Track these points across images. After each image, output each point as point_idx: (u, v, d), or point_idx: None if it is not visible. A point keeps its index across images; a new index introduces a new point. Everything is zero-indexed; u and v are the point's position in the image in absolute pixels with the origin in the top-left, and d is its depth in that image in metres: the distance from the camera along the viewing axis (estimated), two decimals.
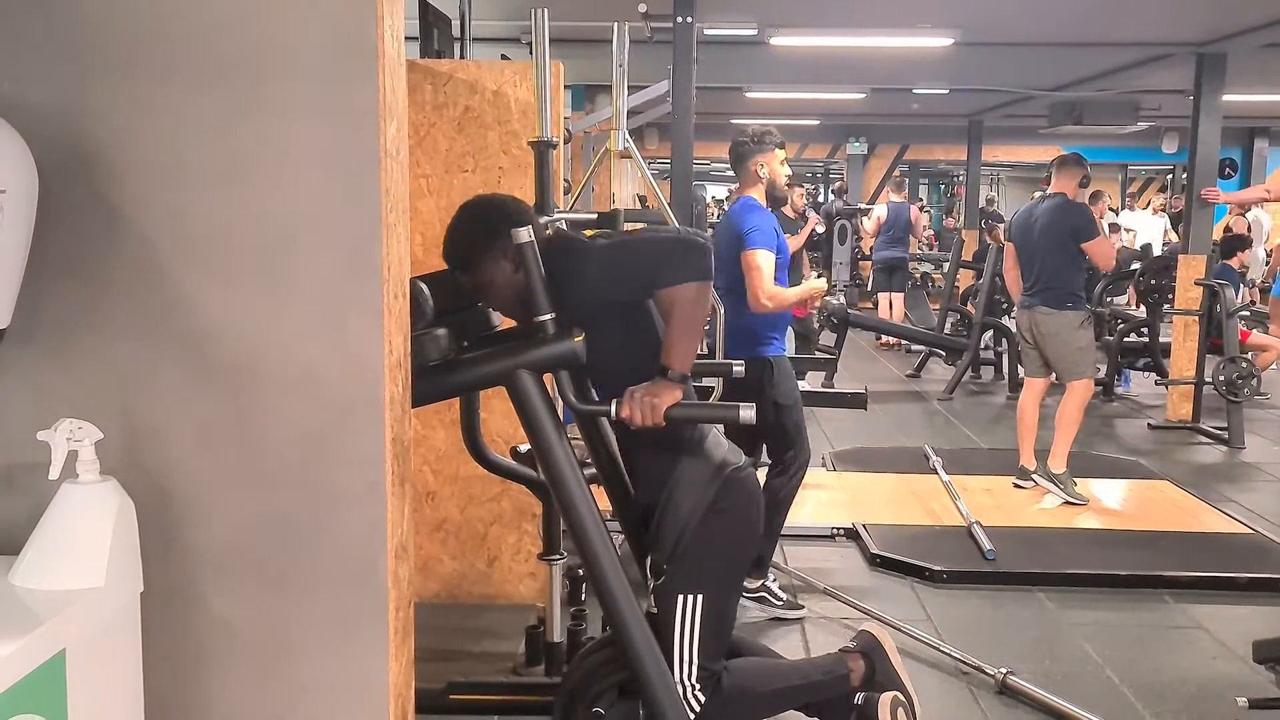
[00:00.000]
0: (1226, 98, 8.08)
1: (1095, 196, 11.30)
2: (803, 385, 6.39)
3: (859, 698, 2.66)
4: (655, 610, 2.44)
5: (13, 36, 1.68)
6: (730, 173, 23.03)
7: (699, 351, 3.08)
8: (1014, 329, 6.72)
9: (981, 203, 15.20)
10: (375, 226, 1.72)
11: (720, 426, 2.64)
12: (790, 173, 4.04)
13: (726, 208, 14.17)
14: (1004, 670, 3.46)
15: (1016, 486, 5.72)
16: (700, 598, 2.41)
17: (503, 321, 2.63)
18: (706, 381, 4.09)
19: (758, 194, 4.01)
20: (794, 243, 8.39)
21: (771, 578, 4.10)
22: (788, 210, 8.57)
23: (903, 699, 2.67)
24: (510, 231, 2.31)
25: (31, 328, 1.70)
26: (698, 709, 2.43)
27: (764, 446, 4.10)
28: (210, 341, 1.74)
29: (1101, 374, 8.61)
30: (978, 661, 3.57)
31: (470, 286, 2.47)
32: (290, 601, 1.79)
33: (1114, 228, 12.77)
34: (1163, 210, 14.29)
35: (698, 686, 2.43)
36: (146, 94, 1.69)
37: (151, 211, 1.72)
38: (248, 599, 1.79)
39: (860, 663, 2.69)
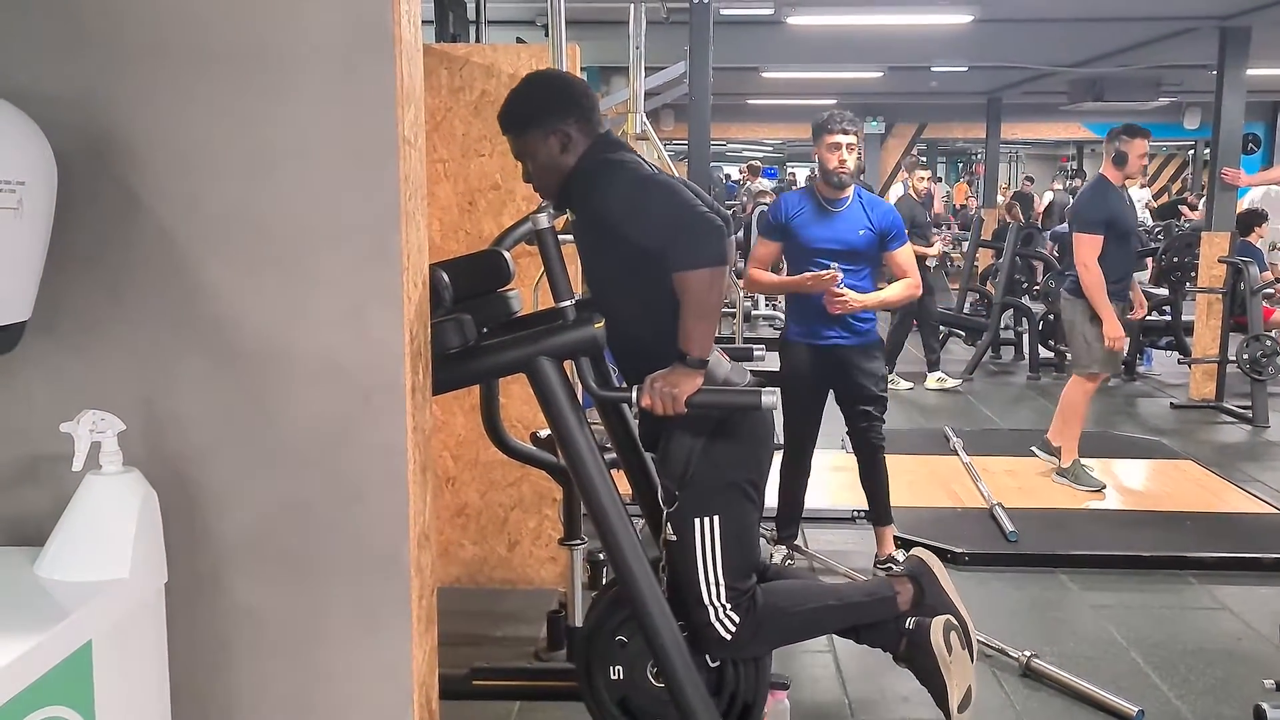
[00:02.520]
0: (1250, 72, 7.97)
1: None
2: None
3: (910, 622, 2.60)
4: (674, 538, 2.41)
5: (31, 27, 1.68)
6: (746, 152, 22.73)
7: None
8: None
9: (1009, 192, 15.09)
10: (394, 214, 1.71)
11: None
12: (843, 159, 4.09)
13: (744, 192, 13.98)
14: (1028, 653, 3.44)
15: (1032, 453, 5.68)
16: (716, 519, 2.39)
17: (523, 307, 2.62)
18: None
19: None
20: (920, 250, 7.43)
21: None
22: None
23: (955, 623, 2.60)
24: (565, 114, 2.38)
25: (54, 319, 1.70)
26: (732, 630, 2.41)
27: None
28: (231, 330, 1.74)
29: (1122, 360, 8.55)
30: (1001, 644, 3.55)
31: (513, 150, 2.48)
32: (314, 589, 1.79)
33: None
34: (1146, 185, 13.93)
35: (728, 607, 2.40)
36: (164, 82, 1.69)
37: (172, 200, 1.71)
38: (271, 587, 1.80)
39: (908, 586, 2.63)
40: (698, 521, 2.39)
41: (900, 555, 4.24)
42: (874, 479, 4.23)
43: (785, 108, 16.95)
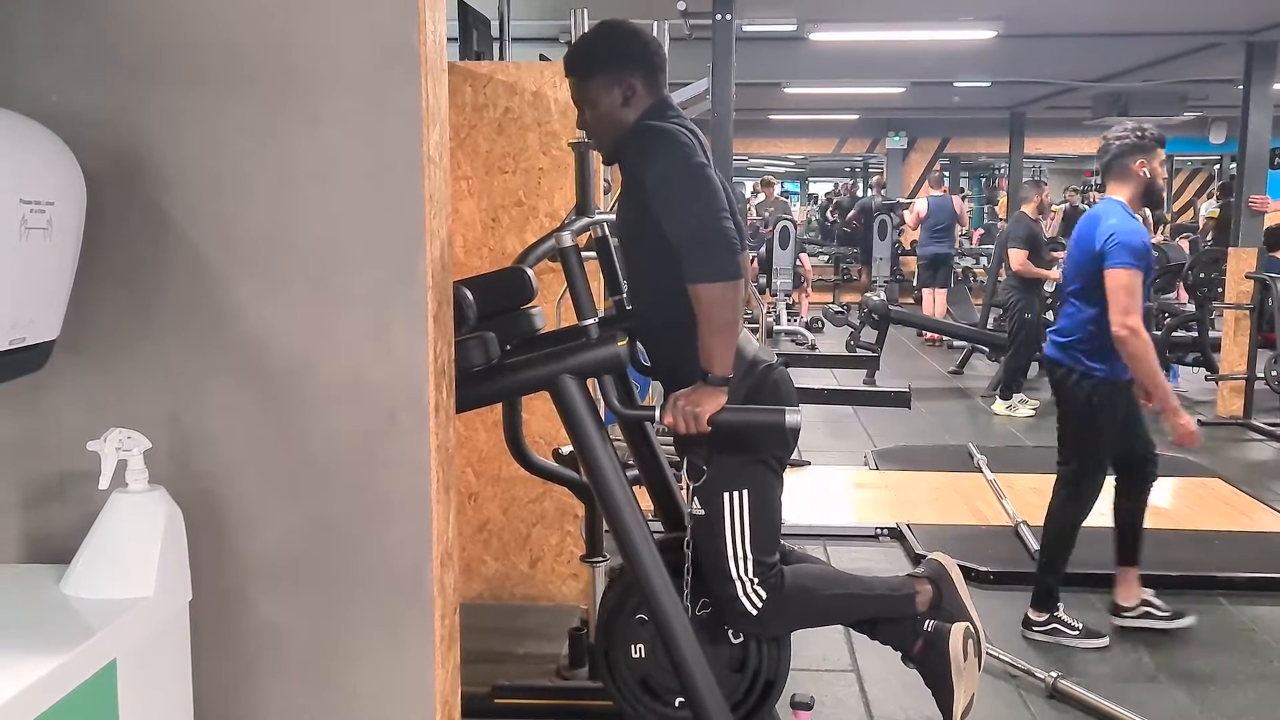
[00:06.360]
0: (1278, 86, 7.91)
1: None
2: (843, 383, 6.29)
3: (928, 625, 2.59)
4: (702, 512, 2.40)
5: (61, 48, 1.69)
6: (769, 167, 22.75)
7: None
8: None
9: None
10: (418, 233, 1.71)
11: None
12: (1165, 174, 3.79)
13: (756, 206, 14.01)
14: (1054, 674, 3.41)
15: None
16: (746, 492, 2.39)
17: (546, 324, 2.63)
18: None
19: (1125, 194, 3.72)
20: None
21: (1060, 607, 3.86)
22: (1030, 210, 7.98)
23: (973, 631, 2.60)
24: (634, 66, 2.37)
25: (82, 337, 1.71)
26: (759, 605, 2.41)
27: None
28: (257, 348, 1.74)
29: None
30: (1027, 665, 3.51)
31: (574, 95, 2.47)
32: (337, 608, 1.79)
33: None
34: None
35: (757, 582, 2.41)
36: (192, 102, 1.70)
37: (200, 219, 1.72)
38: (295, 605, 1.80)
39: (927, 587, 2.63)
40: (726, 496, 2.39)
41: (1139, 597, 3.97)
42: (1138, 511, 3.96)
43: (808, 123, 16.96)
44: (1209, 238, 11.57)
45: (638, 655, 2.53)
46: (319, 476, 1.76)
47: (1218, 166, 20.81)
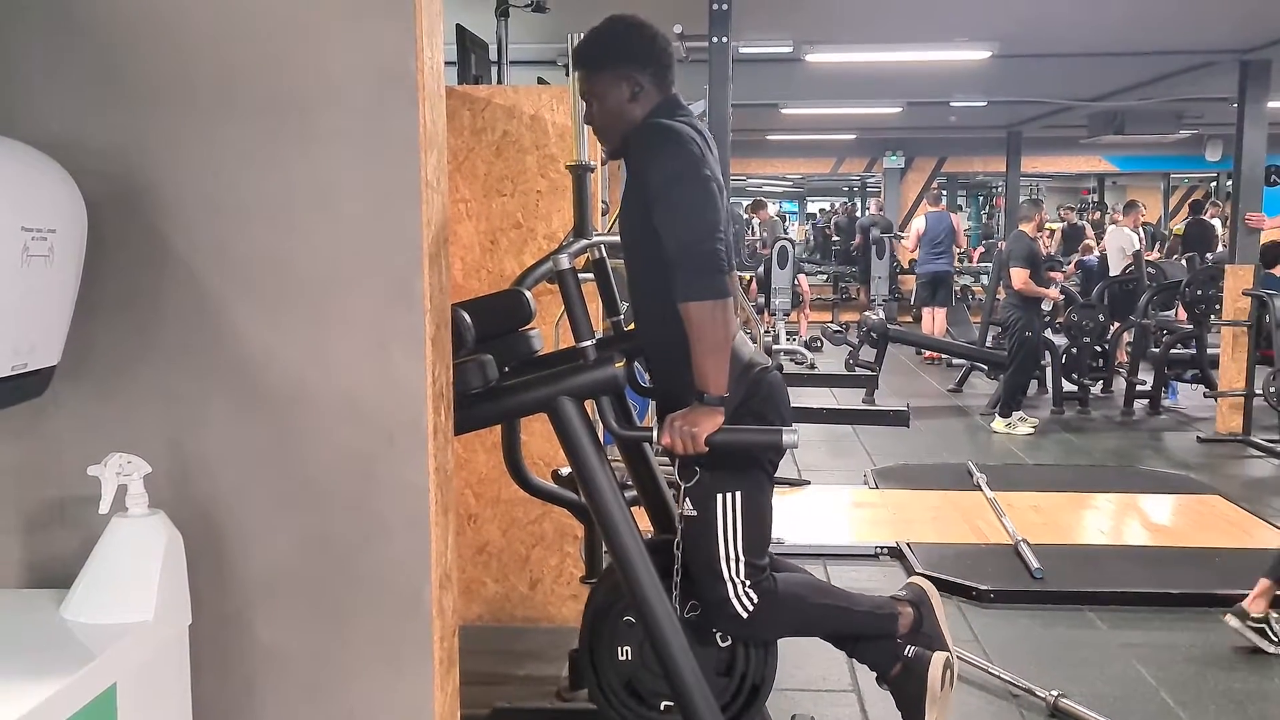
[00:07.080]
0: (1272, 105, 7.96)
1: (1130, 206, 11.14)
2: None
3: (909, 650, 2.60)
4: (694, 513, 2.40)
5: (62, 77, 1.71)
6: (767, 187, 22.72)
7: None
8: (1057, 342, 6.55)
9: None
10: (416, 257, 1.73)
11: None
12: None
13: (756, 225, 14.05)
14: (1055, 693, 3.40)
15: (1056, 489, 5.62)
16: (739, 494, 2.40)
17: (544, 345, 2.64)
18: None
19: None
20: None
21: None
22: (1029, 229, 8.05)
23: (951, 661, 2.62)
24: (643, 62, 2.38)
25: (82, 363, 1.72)
26: (750, 608, 2.42)
27: None
28: (256, 372, 1.75)
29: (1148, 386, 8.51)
30: (1028, 684, 3.50)
31: (582, 88, 2.48)
32: (336, 630, 1.80)
33: (1086, 247, 12.64)
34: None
35: (748, 584, 2.41)
36: (192, 129, 1.72)
37: (199, 243, 1.74)
38: (295, 628, 1.80)
39: (909, 610, 2.65)
40: (720, 497, 2.40)
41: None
42: None
43: (805, 143, 17.02)
44: (1176, 254, 11.59)
45: (624, 658, 2.53)
46: (318, 499, 1.77)
47: (1214, 184, 20.87)
